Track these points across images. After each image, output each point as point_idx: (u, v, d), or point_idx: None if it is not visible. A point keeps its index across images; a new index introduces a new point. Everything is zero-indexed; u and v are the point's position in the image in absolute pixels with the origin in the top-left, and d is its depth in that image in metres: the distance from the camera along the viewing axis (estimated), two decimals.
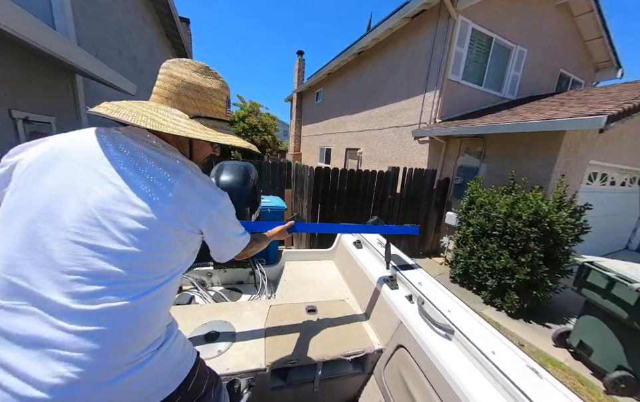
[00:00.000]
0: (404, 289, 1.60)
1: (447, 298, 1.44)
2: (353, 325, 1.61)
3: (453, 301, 1.41)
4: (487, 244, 3.96)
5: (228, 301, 1.89)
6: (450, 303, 1.39)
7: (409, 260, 1.88)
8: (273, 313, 1.62)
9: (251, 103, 13.21)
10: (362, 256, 2.03)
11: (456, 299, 1.43)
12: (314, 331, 1.52)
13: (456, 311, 1.32)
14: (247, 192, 1.92)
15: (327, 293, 1.93)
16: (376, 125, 8.23)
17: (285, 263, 2.31)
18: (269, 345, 1.36)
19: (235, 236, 0.89)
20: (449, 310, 1.33)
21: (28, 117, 2.29)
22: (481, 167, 4.93)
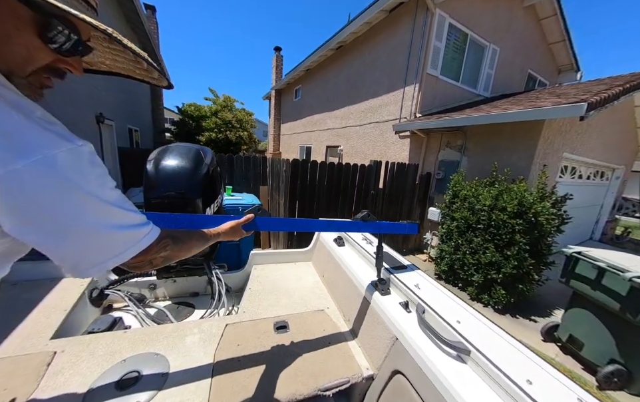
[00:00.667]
0: (398, 295, 1.27)
1: (454, 305, 1.13)
2: (335, 344, 1.25)
3: (461, 308, 1.10)
4: (472, 238, 3.82)
5: (173, 320, 1.44)
6: (459, 311, 1.08)
7: (402, 259, 1.57)
8: (229, 335, 1.21)
9: (225, 97, 12.24)
10: (344, 255, 1.69)
11: (464, 306, 1.12)
12: (283, 356, 1.13)
13: (468, 322, 1.01)
14: (197, 179, 1.49)
15: (303, 302, 1.55)
16: (356, 121, 8.03)
17: (252, 268, 1.90)
18: (217, 386, 0.95)
19: (104, 225, 0.47)
20: (458, 321, 1.01)
21: None
22: (462, 161, 4.86)
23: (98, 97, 5.70)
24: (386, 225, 1.38)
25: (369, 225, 1.26)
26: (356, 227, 1.24)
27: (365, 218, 1.25)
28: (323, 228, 1.17)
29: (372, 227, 1.28)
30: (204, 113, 11.65)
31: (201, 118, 11.29)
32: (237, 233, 0.95)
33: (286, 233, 4.28)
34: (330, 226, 1.19)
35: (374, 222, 1.27)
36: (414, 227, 1.48)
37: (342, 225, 1.25)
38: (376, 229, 1.29)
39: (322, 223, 1.15)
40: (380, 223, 1.30)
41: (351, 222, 1.24)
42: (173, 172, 1.44)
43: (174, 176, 1.43)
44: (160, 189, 1.39)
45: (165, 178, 1.41)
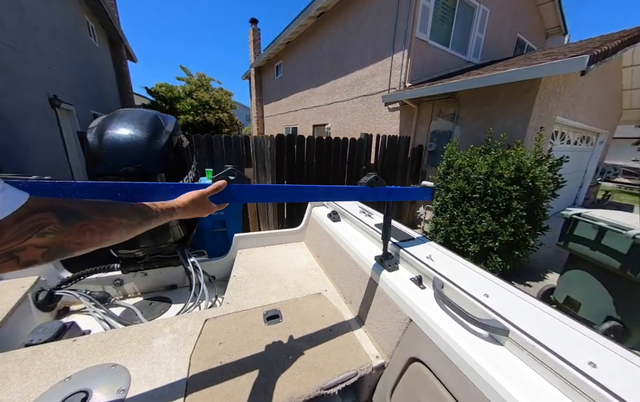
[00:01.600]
0: (408, 270, 1.08)
1: (477, 276, 0.95)
2: (336, 331, 1.07)
3: (488, 280, 0.93)
4: (468, 209, 3.73)
5: (143, 320, 1.20)
6: (485, 284, 0.90)
7: (408, 230, 1.38)
8: (209, 332, 1.00)
9: (199, 75, 11.07)
10: (341, 231, 1.49)
11: (490, 277, 0.95)
12: (276, 352, 0.93)
13: (499, 295, 0.84)
14: (156, 149, 1.20)
15: (297, 287, 1.35)
16: (343, 96, 7.65)
17: (237, 253, 1.67)
18: None
19: None
20: (486, 295, 0.84)
21: None
22: (455, 130, 4.69)
23: (51, 77, 4.97)
24: (398, 190, 1.13)
25: (378, 192, 1.03)
26: (362, 194, 1.00)
27: (372, 183, 1.01)
28: (320, 196, 0.93)
29: (382, 193, 1.04)
30: (177, 94, 10.58)
31: (174, 99, 10.21)
32: (203, 208, 0.70)
33: (277, 214, 4.04)
34: (329, 194, 0.94)
35: (383, 187, 1.04)
36: (428, 192, 1.26)
37: (344, 192, 1.01)
38: (386, 197, 1.07)
39: (319, 191, 0.91)
40: (390, 189, 1.07)
41: (355, 189, 1.00)
42: (125, 142, 1.15)
43: (126, 146, 1.14)
44: (107, 163, 1.10)
45: (112, 149, 1.12)
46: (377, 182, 1.03)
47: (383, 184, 1.05)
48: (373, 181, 1.02)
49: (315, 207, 1.91)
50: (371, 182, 1.01)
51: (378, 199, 1.05)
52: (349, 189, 1.01)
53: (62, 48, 5.33)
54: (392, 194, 1.09)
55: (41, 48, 4.52)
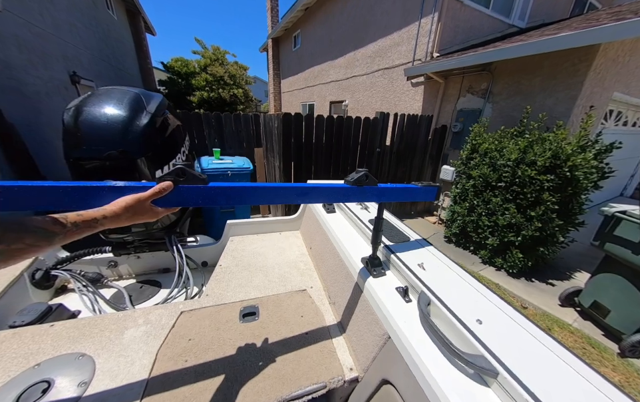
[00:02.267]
0: (395, 277, 0.96)
1: (473, 293, 0.81)
2: (313, 335, 1.00)
3: (484, 299, 0.79)
4: (491, 198, 3.40)
5: (128, 304, 1.23)
6: (481, 304, 0.77)
7: (406, 229, 1.24)
8: (181, 326, 0.98)
9: (214, 48, 10.66)
10: (333, 224, 1.38)
11: (489, 295, 0.81)
12: (245, 354, 0.89)
13: (495, 321, 0.70)
14: (135, 132, 1.14)
15: (281, 281, 1.29)
16: (362, 69, 7.11)
17: (228, 240, 1.64)
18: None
19: None
20: (479, 320, 0.70)
21: None
22: (485, 108, 4.18)
23: (71, 53, 5.10)
24: (391, 190, 0.95)
25: (367, 192, 0.88)
26: (347, 194, 0.86)
27: (361, 181, 0.87)
28: (292, 198, 0.80)
29: (372, 194, 0.90)
30: (193, 69, 10.29)
31: (189, 75, 10.00)
32: (144, 214, 0.61)
33: None
34: (305, 196, 0.80)
35: (372, 187, 0.89)
36: (430, 192, 1.07)
37: (324, 193, 0.85)
38: (377, 198, 0.92)
39: (291, 192, 0.79)
40: (383, 189, 0.91)
41: (339, 189, 0.85)
42: (102, 124, 1.10)
43: (102, 128, 1.09)
44: (83, 147, 1.07)
45: (89, 131, 1.08)
46: (367, 180, 0.88)
47: (374, 183, 0.89)
48: (362, 179, 0.87)
49: None
50: (359, 180, 0.86)
51: (367, 200, 0.92)
52: (331, 189, 0.85)
53: (80, 22, 5.40)
54: (385, 194, 0.93)
55: (59, 23, 4.60)
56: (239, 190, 0.71)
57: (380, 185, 0.91)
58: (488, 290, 0.83)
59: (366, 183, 0.88)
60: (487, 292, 0.82)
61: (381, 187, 0.91)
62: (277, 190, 0.77)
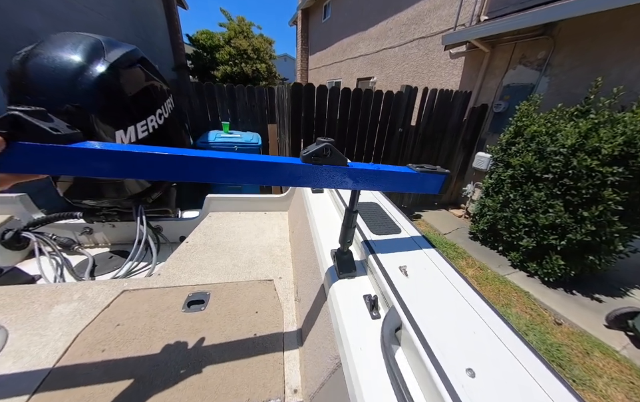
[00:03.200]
0: (368, 282, 0.72)
1: (471, 318, 0.55)
2: (263, 340, 0.81)
3: (487, 330, 0.52)
4: (532, 192, 2.85)
5: (85, 275, 1.16)
6: (480, 338, 0.50)
7: (398, 217, 0.97)
8: (117, 307, 0.86)
9: (239, 20, 10.06)
10: (316, 205, 1.15)
11: (496, 322, 0.53)
12: (172, 354, 0.74)
13: (495, 373, 0.44)
14: (87, 82, 1.00)
15: (248, 267, 1.12)
16: (395, 40, 6.39)
17: (207, 215, 1.50)
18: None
19: None
20: (471, 370, 0.45)
21: None
22: (540, 82, 3.44)
23: (99, 25, 5.17)
24: (368, 174, 0.64)
25: (326, 174, 0.59)
26: (292, 177, 0.58)
27: (317, 157, 0.57)
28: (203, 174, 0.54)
29: (335, 177, 0.60)
30: (217, 42, 9.82)
31: (214, 48, 9.60)
32: None
33: None
34: (237, 170, 0.54)
35: (336, 168, 0.60)
36: (432, 182, 0.72)
37: (248, 171, 0.56)
38: (345, 183, 0.63)
39: (200, 163, 0.52)
40: (353, 171, 0.62)
41: (278, 165, 0.57)
42: (48, 70, 0.97)
43: (48, 75, 0.96)
44: (27, 96, 0.95)
45: (34, 78, 0.95)
46: (329, 156, 0.58)
47: (341, 161, 0.60)
48: (321, 154, 0.58)
49: None
50: (315, 156, 0.57)
51: (330, 185, 0.62)
52: (263, 165, 0.56)
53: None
54: (358, 180, 0.64)
55: None
56: (115, 156, 0.49)
57: (353, 165, 0.63)
58: (500, 319, 0.55)
59: (326, 161, 0.59)
60: (497, 322, 0.55)
61: (353, 168, 0.62)
62: (185, 159, 0.51)
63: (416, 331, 0.50)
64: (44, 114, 0.47)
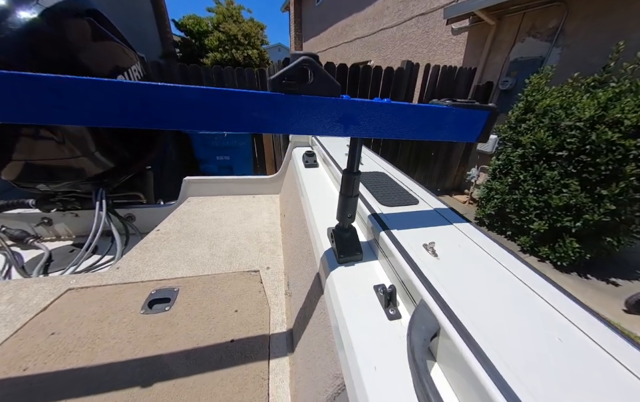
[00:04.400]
0: (381, 268, 0.53)
1: (544, 313, 0.35)
2: (242, 347, 0.63)
3: (569, 327, 0.32)
4: (544, 172, 2.66)
5: (31, 272, 0.97)
6: (562, 334, 0.31)
7: (413, 185, 0.78)
8: (54, 310, 0.67)
9: (228, 2, 9.73)
10: (310, 181, 0.95)
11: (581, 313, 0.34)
12: (122, 371, 0.56)
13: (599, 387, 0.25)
14: (10, 30, 0.78)
15: (229, 256, 0.93)
16: (393, 19, 6.07)
17: (185, 200, 1.30)
18: None
19: None
20: None
21: None
22: (551, 54, 3.21)
23: None
24: (373, 109, 0.43)
25: (299, 110, 0.39)
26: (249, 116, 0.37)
27: (291, 84, 0.37)
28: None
29: (311, 115, 0.40)
30: (205, 27, 9.38)
31: (202, 34, 9.20)
32: None
33: None
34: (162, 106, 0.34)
35: (324, 99, 0.40)
36: (473, 123, 0.52)
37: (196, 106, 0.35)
38: (340, 126, 0.43)
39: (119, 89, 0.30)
40: (349, 104, 0.41)
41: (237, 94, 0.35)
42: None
43: None
44: None
45: None
46: (311, 80, 0.38)
47: (333, 90, 0.40)
48: (295, 74, 0.37)
49: (296, 147, 1.37)
50: (288, 80, 0.37)
51: (312, 130, 0.42)
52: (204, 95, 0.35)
53: None
54: (360, 121, 0.43)
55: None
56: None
57: (347, 97, 0.42)
58: (594, 318, 0.36)
59: (308, 89, 0.38)
60: (591, 322, 0.36)
61: (350, 100, 0.42)
62: None
63: (467, 339, 0.31)
64: None
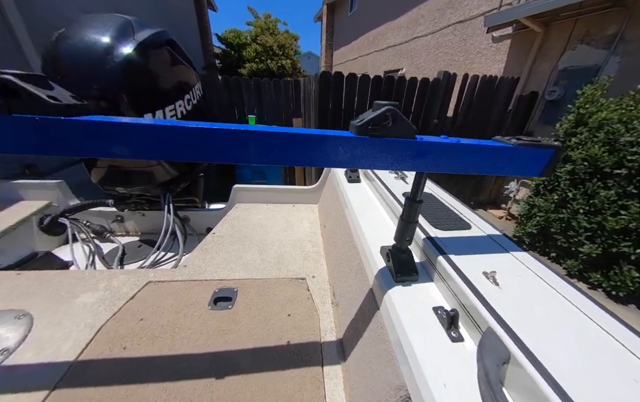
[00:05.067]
0: (437, 291, 0.56)
1: (617, 349, 0.36)
2: (297, 350, 0.69)
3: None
4: (598, 191, 2.43)
5: (113, 264, 1.13)
6: (637, 374, 0.32)
7: (464, 209, 0.80)
8: (141, 299, 0.80)
9: (266, 17, 10.23)
10: (354, 196, 1.00)
11: None
12: (196, 360, 0.65)
13: None
14: (115, 63, 0.95)
15: (277, 262, 1.01)
16: (428, 27, 5.97)
17: (234, 206, 1.43)
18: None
19: None
20: None
21: None
22: (609, 62, 2.94)
23: None
24: (444, 148, 0.48)
25: (388, 148, 0.45)
26: (350, 156, 0.44)
27: (378, 126, 0.42)
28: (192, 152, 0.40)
29: (397, 154, 0.45)
30: (244, 40, 10.08)
31: (241, 46, 9.92)
32: None
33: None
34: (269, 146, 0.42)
35: (400, 141, 0.44)
36: (537, 160, 0.53)
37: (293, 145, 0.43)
38: (411, 161, 0.47)
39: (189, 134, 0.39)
40: (422, 144, 0.46)
41: (321, 138, 0.43)
42: (78, 51, 0.93)
43: (79, 56, 0.93)
44: (58, 76, 0.92)
45: (66, 59, 0.92)
46: (390, 125, 0.43)
47: (408, 132, 0.44)
48: (379, 122, 0.42)
49: None
50: (375, 124, 0.42)
51: (389, 166, 0.46)
52: (302, 140, 0.43)
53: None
54: (428, 157, 0.47)
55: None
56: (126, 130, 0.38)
57: (421, 138, 0.47)
58: None
59: (389, 132, 0.43)
60: None
61: (425, 141, 0.46)
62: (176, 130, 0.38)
63: (540, 370, 0.34)
64: (42, 80, 0.38)
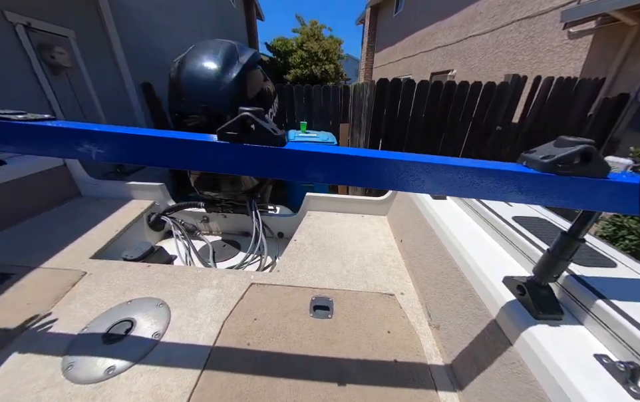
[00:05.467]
0: (590, 335, 0.52)
1: None
2: (406, 369, 0.70)
3: None
4: None
5: (209, 261, 1.27)
6: None
7: (600, 245, 0.73)
8: (249, 300, 0.88)
9: (312, 23, 10.50)
10: (442, 214, 0.98)
11: None
12: (313, 363, 0.70)
13: None
14: (225, 85, 1.07)
15: (362, 275, 1.03)
16: (486, 25, 5.54)
17: (306, 214, 1.49)
18: (202, 390, 0.63)
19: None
20: None
21: (30, 23, 2.01)
22: None
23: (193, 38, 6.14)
24: None
25: (577, 190, 0.42)
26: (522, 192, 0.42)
27: (568, 164, 0.40)
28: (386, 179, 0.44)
29: (574, 195, 0.42)
30: (290, 47, 10.46)
31: (287, 53, 10.31)
32: None
33: None
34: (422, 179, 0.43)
35: (590, 181, 0.41)
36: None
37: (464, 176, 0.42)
38: (584, 201, 0.44)
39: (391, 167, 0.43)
40: (612, 186, 0.41)
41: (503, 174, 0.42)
42: (195, 76, 1.07)
43: (197, 81, 1.07)
44: (182, 98, 1.07)
45: (186, 83, 1.07)
46: (585, 164, 0.40)
47: (601, 170, 0.41)
48: (571, 160, 0.39)
49: None
50: (566, 163, 0.39)
51: (574, 205, 0.44)
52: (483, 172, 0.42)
53: (203, 8, 6.34)
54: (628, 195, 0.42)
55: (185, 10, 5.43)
56: (331, 159, 0.44)
57: (616, 176, 0.42)
58: None
59: (578, 171, 0.40)
60: None
61: (618, 182, 0.41)
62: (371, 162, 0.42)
63: None
64: (262, 114, 0.45)
